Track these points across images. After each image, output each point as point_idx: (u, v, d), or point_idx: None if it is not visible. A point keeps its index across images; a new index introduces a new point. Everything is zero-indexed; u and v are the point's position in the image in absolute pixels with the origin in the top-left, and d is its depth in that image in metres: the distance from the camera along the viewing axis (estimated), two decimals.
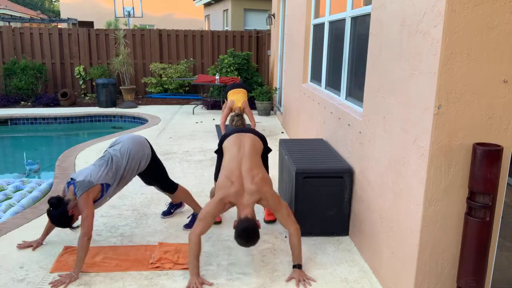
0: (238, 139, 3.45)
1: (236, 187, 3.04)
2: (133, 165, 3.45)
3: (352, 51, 4.11)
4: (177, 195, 3.85)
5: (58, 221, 3.15)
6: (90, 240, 3.10)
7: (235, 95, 7.02)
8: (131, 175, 3.48)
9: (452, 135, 2.36)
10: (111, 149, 3.46)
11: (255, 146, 3.42)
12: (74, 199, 3.17)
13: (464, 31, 2.23)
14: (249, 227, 2.88)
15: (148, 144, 3.62)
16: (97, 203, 3.28)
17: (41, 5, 46.34)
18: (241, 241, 2.89)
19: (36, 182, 5.26)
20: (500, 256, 3.38)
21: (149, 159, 3.57)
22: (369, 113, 3.32)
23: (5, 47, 11.45)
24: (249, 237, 2.88)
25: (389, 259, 2.92)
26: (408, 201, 2.64)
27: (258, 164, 3.25)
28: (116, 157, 3.37)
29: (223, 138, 3.60)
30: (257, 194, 3.04)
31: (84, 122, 9.52)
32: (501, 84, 2.30)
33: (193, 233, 3.01)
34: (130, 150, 3.43)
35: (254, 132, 3.63)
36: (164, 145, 6.81)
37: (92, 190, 3.17)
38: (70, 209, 3.15)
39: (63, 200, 3.14)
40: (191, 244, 2.99)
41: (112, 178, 3.31)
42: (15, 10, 24.89)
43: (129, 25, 16.38)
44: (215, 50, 12.38)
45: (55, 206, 3.10)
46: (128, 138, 3.53)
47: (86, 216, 3.09)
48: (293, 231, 3.11)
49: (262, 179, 3.11)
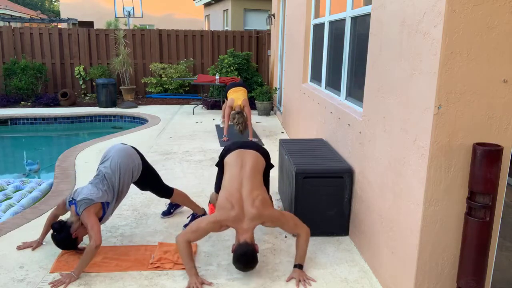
0: (240, 158, 3.39)
1: (236, 211, 3.03)
2: (126, 178, 3.45)
3: (352, 51, 4.11)
4: (174, 199, 3.84)
5: (63, 245, 3.21)
6: (99, 248, 3.12)
7: (235, 94, 7.04)
8: (127, 189, 3.49)
9: (452, 135, 2.36)
10: (102, 166, 3.43)
11: (257, 165, 3.36)
12: (77, 220, 3.21)
13: (464, 31, 2.23)
14: (247, 252, 2.91)
15: (137, 153, 3.58)
16: (101, 222, 3.29)
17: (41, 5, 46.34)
18: (239, 265, 2.95)
19: (36, 182, 5.26)
20: (500, 256, 3.38)
21: (141, 169, 3.54)
22: (369, 113, 3.32)
23: (5, 47, 11.45)
24: (248, 262, 2.93)
25: (389, 259, 2.92)
26: (408, 201, 2.64)
27: (259, 184, 3.23)
28: (108, 174, 3.36)
29: (225, 152, 3.55)
30: (258, 220, 3.04)
31: (84, 122, 9.52)
32: (501, 84, 2.30)
33: (181, 238, 3.02)
34: (120, 164, 3.40)
35: (257, 148, 3.55)
36: (164, 145, 6.81)
37: (94, 206, 3.20)
38: (74, 232, 3.20)
39: (65, 224, 3.19)
40: (180, 247, 3.01)
41: (110, 196, 3.34)
42: (15, 10, 24.89)
43: (129, 25, 16.39)
44: (215, 50, 12.38)
45: (59, 230, 3.16)
46: (116, 151, 3.47)
47: (92, 226, 3.10)
48: (303, 234, 3.14)
49: (262, 202, 3.09)
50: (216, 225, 3.04)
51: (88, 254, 3.05)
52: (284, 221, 3.11)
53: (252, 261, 2.94)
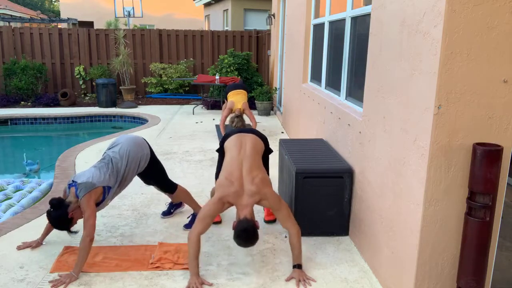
0: (239, 140, 3.45)
1: (236, 188, 3.05)
2: (133, 166, 3.45)
3: (352, 51, 4.11)
4: (177, 195, 3.85)
5: (57, 223, 3.13)
6: (93, 241, 3.10)
7: (235, 96, 7.03)
8: (131, 177, 3.48)
9: (452, 135, 2.36)
10: (110, 151, 3.45)
11: (256, 147, 3.41)
12: (75, 202, 3.17)
13: (464, 31, 2.23)
14: (248, 227, 2.89)
15: (147, 144, 3.61)
16: (99, 206, 3.28)
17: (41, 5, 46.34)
18: (240, 241, 2.91)
19: (36, 182, 5.26)
20: (500, 256, 3.38)
21: (148, 159, 3.57)
22: (369, 113, 3.32)
23: (5, 47, 11.45)
24: (248, 238, 2.89)
25: (389, 259, 2.92)
26: (408, 201, 2.64)
27: (258, 165, 3.25)
28: (115, 159, 3.37)
29: (225, 137, 3.60)
30: (257, 195, 3.05)
31: (84, 122, 9.52)
32: (501, 84, 2.30)
33: (192, 233, 3.01)
34: (129, 152, 3.43)
35: (256, 132, 3.62)
36: (164, 145, 6.81)
37: (95, 192, 3.17)
38: (71, 212, 3.15)
39: (64, 202, 3.14)
40: (190, 243, 3.00)
41: (113, 181, 3.31)
42: (15, 10, 24.89)
43: (129, 25, 16.39)
44: (215, 50, 12.38)
45: (56, 207, 3.09)
46: (127, 139, 3.52)
47: (88, 217, 3.09)
48: (294, 232, 3.11)
49: (262, 180, 3.11)
50: (219, 203, 3.03)
51: (83, 249, 3.04)
52: (280, 206, 3.08)
53: (252, 236, 2.90)
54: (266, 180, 3.15)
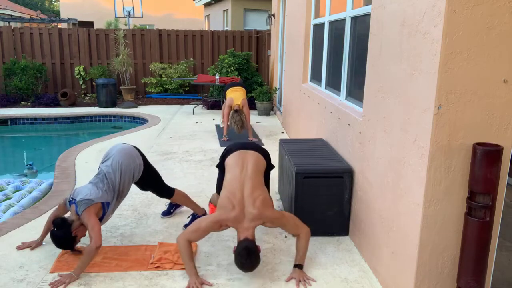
0: (241, 158, 3.39)
1: (237, 212, 3.02)
2: (127, 178, 3.44)
3: (352, 51, 4.11)
4: (175, 199, 3.84)
5: (61, 242, 3.17)
6: (99, 249, 3.12)
7: (234, 93, 7.06)
8: (127, 188, 3.48)
9: (452, 135, 2.36)
10: (103, 166, 3.43)
11: (258, 166, 3.36)
12: (77, 219, 3.21)
13: (464, 31, 2.23)
14: (248, 245, 2.88)
15: (139, 153, 3.57)
16: (101, 222, 3.29)
17: (41, 5, 46.33)
18: (242, 259, 2.87)
19: (36, 182, 5.26)
20: (500, 256, 3.38)
21: (142, 169, 3.54)
22: (369, 113, 3.32)
23: (5, 47, 11.45)
24: (249, 255, 2.86)
25: (389, 259, 2.92)
26: (408, 201, 2.64)
27: (260, 184, 3.22)
28: (109, 174, 3.36)
29: (226, 153, 3.55)
30: (259, 220, 3.04)
31: (84, 122, 9.52)
32: (501, 84, 2.30)
33: (181, 237, 3.02)
34: (121, 164, 3.40)
35: (258, 148, 3.55)
36: (164, 145, 6.81)
37: (94, 206, 3.19)
38: (74, 230, 3.19)
39: (67, 221, 3.18)
40: (181, 247, 3.01)
41: (111, 196, 3.33)
42: (15, 10, 24.89)
43: (129, 25, 16.38)
44: (215, 50, 12.38)
45: (60, 226, 3.14)
46: (118, 151, 3.47)
47: (92, 227, 3.10)
48: (303, 234, 3.14)
49: (263, 202, 3.08)
50: (216, 224, 3.03)
51: (88, 254, 3.05)
52: (284, 222, 3.11)
53: (253, 254, 2.87)
54: (267, 202, 3.13)
